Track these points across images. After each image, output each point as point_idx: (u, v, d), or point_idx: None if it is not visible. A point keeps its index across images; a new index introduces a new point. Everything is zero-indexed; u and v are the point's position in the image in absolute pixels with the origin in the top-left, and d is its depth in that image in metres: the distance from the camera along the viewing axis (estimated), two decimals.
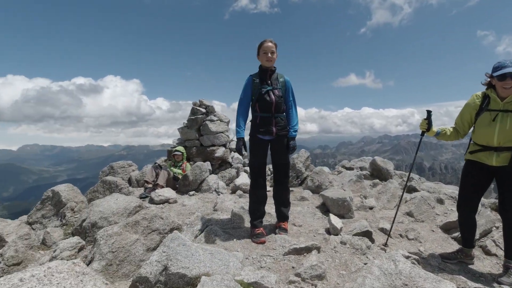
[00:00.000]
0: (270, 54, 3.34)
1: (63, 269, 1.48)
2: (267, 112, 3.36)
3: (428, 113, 3.31)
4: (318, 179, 5.64)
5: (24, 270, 1.43)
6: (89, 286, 1.46)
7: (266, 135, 3.41)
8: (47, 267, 1.47)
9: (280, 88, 3.41)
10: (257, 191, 3.50)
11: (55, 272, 1.42)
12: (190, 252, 2.62)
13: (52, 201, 4.62)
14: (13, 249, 3.37)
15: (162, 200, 4.84)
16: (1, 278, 1.30)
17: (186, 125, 6.51)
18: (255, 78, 3.41)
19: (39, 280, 1.33)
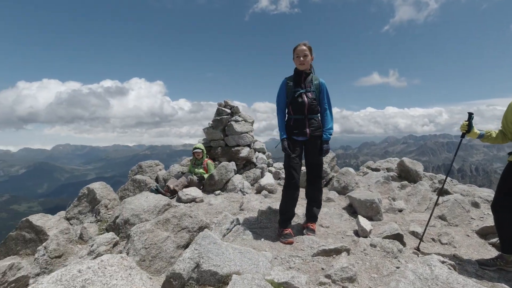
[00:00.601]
0: (303, 57, 3.39)
1: (114, 262, 1.57)
2: (300, 114, 3.43)
3: (470, 115, 3.20)
4: (344, 180, 5.55)
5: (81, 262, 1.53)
6: (137, 279, 1.54)
7: (300, 136, 3.46)
8: (100, 260, 1.57)
9: (314, 91, 3.45)
10: (290, 191, 3.51)
11: (107, 265, 1.52)
12: (221, 250, 2.67)
13: (88, 198, 4.87)
14: (55, 243, 3.59)
15: (189, 199, 4.96)
16: (63, 269, 1.41)
17: (211, 126, 6.63)
18: (289, 81, 3.49)
19: (94, 272, 1.43)
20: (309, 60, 3.45)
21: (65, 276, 1.36)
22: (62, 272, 1.39)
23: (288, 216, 3.56)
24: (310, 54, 3.45)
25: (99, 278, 1.39)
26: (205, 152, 6.28)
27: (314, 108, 3.45)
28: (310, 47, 3.46)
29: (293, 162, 3.45)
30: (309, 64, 3.47)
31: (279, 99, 3.56)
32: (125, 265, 1.62)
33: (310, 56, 3.44)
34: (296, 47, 3.45)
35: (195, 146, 6.25)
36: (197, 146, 6.20)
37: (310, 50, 3.46)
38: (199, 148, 6.17)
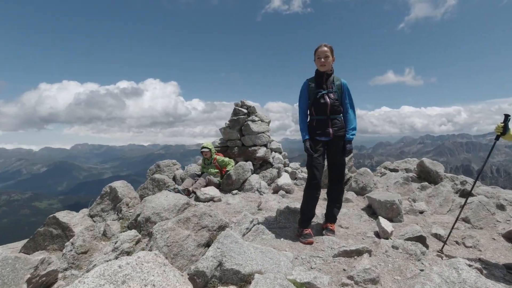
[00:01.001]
0: (324, 58, 3.39)
1: (149, 259, 1.63)
2: (323, 114, 3.44)
3: (506, 117, 3.11)
4: (362, 181, 5.48)
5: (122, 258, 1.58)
6: (171, 275, 1.59)
7: (323, 137, 3.47)
8: (137, 256, 1.63)
9: (336, 91, 3.44)
10: (312, 191, 3.51)
11: (144, 262, 1.57)
12: (242, 249, 2.71)
13: (110, 196, 5.02)
14: (81, 239, 3.73)
15: (207, 198, 5.02)
16: (104, 264, 1.48)
17: (228, 125, 6.68)
18: (311, 83, 3.52)
19: (133, 268, 1.48)
20: (330, 61, 3.45)
21: (107, 271, 1.42)
22: (104, 267, 1.46)
23: (309, 216, 3.56)
24: (331, 55, 3.44)
25: (138, 274, 1.44)
26: (213, 150, 6.15)
27: (337, 108, 3.44)
28: (331, 48, 3.45)
29: (315, 162, 3.45)
30: (330, 65, 3.47)
31: (301, 101, 3.58)
32: (159, 262, 1.67)
33: (331, 57, 3.44)
34: (317, 49, 3.46)
35: (202, 146, 6.13)
36: (204, 145, 6.08)
37: (331, 51, 3.45)
38: (206, 147, 6.05)
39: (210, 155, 6.08)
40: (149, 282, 1.42)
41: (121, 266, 1.49)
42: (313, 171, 3.46)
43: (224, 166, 6.13)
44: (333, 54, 3.46)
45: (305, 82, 3.57)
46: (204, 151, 6.05)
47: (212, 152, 6.10)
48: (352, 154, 6.47)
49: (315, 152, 3.46)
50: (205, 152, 6.04)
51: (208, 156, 6.07)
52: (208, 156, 6.08)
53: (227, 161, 6.16)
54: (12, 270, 2.71)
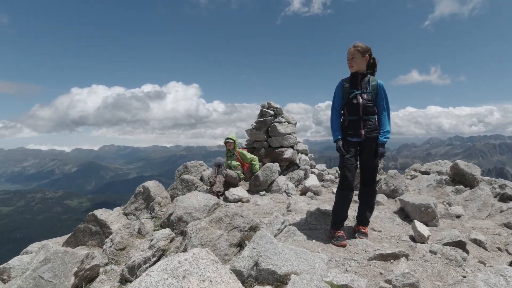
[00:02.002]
0: (350, 59, 3.40)
1: (203, 256, 1.71)
2: (355, 115, 3.41)
3: None
4: (393, 183, 5.34)
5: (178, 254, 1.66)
6: (223, 272, 1.66)
7: (355, 137, 3.44)
8: (192, 253, 1.71)
9: (370, 92, 3.39)
10: (344, 192, 3.47)
11: (199, 258, 1.65)
12: (277, 250, 2.73)
13: (143, 196, 5.22)
14: (119, 236, 3.91)
15: (236, 199, 5.09)
16: (165, 259, 1.57)
17: (254, 127, 6.74)
18: (345, 83, 3.50)
19: (191, 264, 1.56)
20: (359, 62, 3.40)
21: (169, 266, 1.51)
22: (165, 262, 1.55)
23: (341, 218, 3.53)
24: (361, 55, 3.40)
25: (195, 270, 1.51)
26: (237, 143, 6.08)
27: (370, 109, 3.39)
28: (363, 48, 3.40)
29: (347, 163, 3.41)
30: (360, 66, 3.42)
31: (335, 100, 3.56)
32: (212, 259, 1.74)
33: (360, 57, 3.39)
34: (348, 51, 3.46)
35: (227, 137, 6.08)
36: (229, 137, 6.04)
37: (362, 51, 3.40)
38: (230, 138, 6.01)
39: (234, 147, 6.02)
40: (207, 278, 1.49)
41: (180, 261, 1.57)
42: (345, 172, 3.43)
43: (246, 161, 6.08)
44: (366, 53, 3.40)
45: (340, 82, 3.55)
46: (229, 142, 6.00)
47: (235, 145, 6.04)
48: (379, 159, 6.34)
49: (347, 153, 3.43)
50: (229, 143, 6.00)
51: (231, 147, 6.02)
52: (231, 148, 6.03)
53: (249, 158, 6.06)
54: (61, 263, 2.90)
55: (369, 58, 3.44)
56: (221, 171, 5.79)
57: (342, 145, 3.45)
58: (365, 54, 3.40)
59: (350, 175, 3.40)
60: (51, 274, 2.77)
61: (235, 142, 6.02)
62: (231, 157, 6.05)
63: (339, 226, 3.49)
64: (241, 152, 6.05)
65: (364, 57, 3.40)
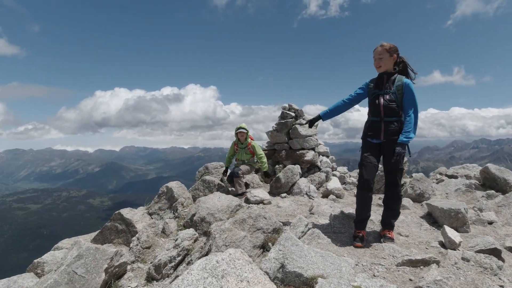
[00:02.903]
0: (378, 60, 3.35)
1: (239, 256, 1.73)
2: (376, 116, 3.38)
3: None
4: (419, 187, 5.17)
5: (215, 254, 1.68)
6: (258, 273, 1.68)
7: (374, 139, 3.41)
8: (228, 253, 1.74)
9: (394, 92, 3.31)
10: (361, 192, 3.43)
11: (235, 259, 1.68)
12: (303, 252, 2.71)
13: (166, 196, 5.33)
14: (145, 235, 4.02)
15: (257, 201, 5.10)
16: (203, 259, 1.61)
17: (275, 129, 6.73)
18: (371, 83, 3.47)
19: (228, 264, 1.59)
20: (387, 61, 3.34)
21: (208, 265, 1.54)
22: (204, 261, 1.58)
23: (362, 217, 3.48)
24: (389, 54, 3.33)
25: (233, 270, 1.54)
26: (248, 133, 5.81)
27: (392, 110, 3.30)
28: (390, 47, 3.33)
29: (364, 161, 3.36)
30: (388, 65, 3.36)
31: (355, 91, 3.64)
32: (246, 260, 1.76)
33: (388, 57, 3.33)
34: (374, 50, 3.41)
35: (239, 126, 5.78)
36: (241, 126, 5.76)
37: (390, 50, 3.33)
38: (243, 128, 5.73)
39: (246, 137, 5.77)
40: (244, 278, 1.51)
41: (218, 261, 1.60)
42: (361, 170, 3.40)
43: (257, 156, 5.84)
44: (393, 52, 3.33)
45: (366, 82, 3.56)
46: (241, 131, 5.73)
47: (247, 135, 5.79)
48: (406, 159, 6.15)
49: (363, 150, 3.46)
50: (242, 133, 5.73)
51: (243, 138, 5.77)
52: (243, 139, 5.77)
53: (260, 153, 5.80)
54: (93, 260, 3.01)
55: (396, 57, 3.37)
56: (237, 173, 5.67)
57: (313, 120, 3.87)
58: (393, 54, 3.33)
59: (367, 173, 3.33)
60: (84, 269, 2.89)
61: (247, 132, 5.77)
62: (243, 149, 5.81)
63: (360, 226, 3.47)
64: (253, 144, 5.81)
65: (392, 57, 3.34)
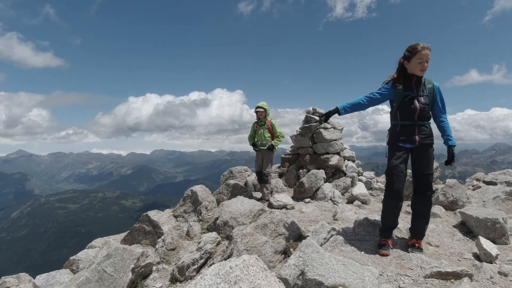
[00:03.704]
0: (427, 63, 3.12)
1: (253, 263, 1.75)
2: (410, 120, 3.21)
3: None
4: (452, 194, 4.88)
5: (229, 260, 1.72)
6: (272, 280, 1.69)
7: (407, 143, 3.23)
8: (242, 259, 1.77)
9: (427, 95, 3.18)
10: (390, 202, 3.28)
11: (249, 265, 1.70)
12: (324, 260, 2.66)
13: (191, 199, 5.47)
14: (170, 237, 4.15)
15: (280, 206, 5.08)
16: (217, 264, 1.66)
17: (299, 133, 6.68)
18: (398, 84, 3.27)
19: (241, 270, 1.62)
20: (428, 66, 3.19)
21: (221, 270, 1.58)
22: (218, 267, 1.63)
23: (389, 225, 3.36)
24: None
25: (246, 276, 1.56)
26: (268, 112, 5.75)
27: (426, 114, 3.18)
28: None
29: (395, 170, 3.20)
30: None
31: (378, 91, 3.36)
32: (261, 266, 1.78)
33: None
34: (418, 50, 3.09)
35: (258, 105, 5.72)
36: (259, 105, 5.72)
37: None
38: (261, 107, 5.68)
39: (265, 115, 5.72)
40: (257, 285, 1.53)
41: (232, 267, 1.63)
42: (392, 179, 3.21)
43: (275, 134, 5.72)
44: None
45: (390, 83, 3.35)
46: (259, 110, 5.67)
47: (267, 113, 5.73)
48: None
49: (395, 158, 3.24)
50: (260, 112, 5.68)
51: (262, 116, 5.72)
52: (262, 117, 5.72)
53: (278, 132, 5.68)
54: (121, 259, 3.16)
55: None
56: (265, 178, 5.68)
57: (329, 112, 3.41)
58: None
59: (397, 183, 3.18)
60: (112, 268, 3.04)
61: (266, 110, 5.71)
62: (262, 126, 5.74)
63: (385, 234, 3.34)
64: (272, 122, 5.69)
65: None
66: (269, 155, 5.69)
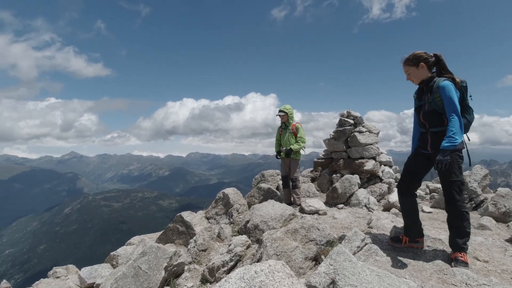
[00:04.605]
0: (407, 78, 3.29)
1: (279, 268, 1.74)
2: (422, 127, 3.27)
3: None
4: (505, 204, 4.42)
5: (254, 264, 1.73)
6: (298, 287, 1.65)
7: (423, 150, 3.29)
8: (268, 264, 1.76)
9: (432, 101, 3.07)
10: (401, 197, 3.43)
11: (275, 271, 1.69)
12: (357, 270, 2.54)
13: (223, 202, 5.56)
14: (201, 238, 4.25)
15: (312, 211, 4.97)
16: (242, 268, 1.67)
17: (333, 137, 6.50)
18: (415, 94, 3.38)
19: (266, 275, 1.62)
20: (417, 74, 3.17)
21: (246, 275, 1.59)
22: (243, 271, 1.63)
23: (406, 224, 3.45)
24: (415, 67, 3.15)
25: (271, 282, 1.55)
26: (291, 115, 5.48)
27: (435, 120, 3.10)
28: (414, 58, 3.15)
29: (406, 164, 3.41)
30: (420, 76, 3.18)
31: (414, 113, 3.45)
32: (287, 273, 1.75)
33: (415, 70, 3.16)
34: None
35: (280, 109, 5.52)
36: (281, 108, 5.51)
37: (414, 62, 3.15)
38: (282, 110, 5.43)
39: (287, 119, 5.49)
40: None
41: (257, 272, 1.63)
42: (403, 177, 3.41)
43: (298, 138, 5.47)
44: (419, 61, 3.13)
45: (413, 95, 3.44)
46: (280, 114, 5.48)
47: (289, 117, 5.49)
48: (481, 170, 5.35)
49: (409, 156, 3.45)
50: (281, 116, 5.49)
51: (285, 120, 5.50)
52: (285, 120, 5.51)
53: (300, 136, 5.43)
54: (155, 257, 3.30)
55: (425, 63, 3.11)
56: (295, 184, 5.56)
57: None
58: (419, 63, 3.13)
59: (404, 176, 3.39)
60: (147, 266, 3.18)
61: (288, 114, 5.47)
62: (286, 129, 5.55)
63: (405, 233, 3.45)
64: (297, 125, 5.46)
65: (420, 66, 3.13)
66: (295, 160, 5.52)
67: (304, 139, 5.48)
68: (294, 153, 5.47)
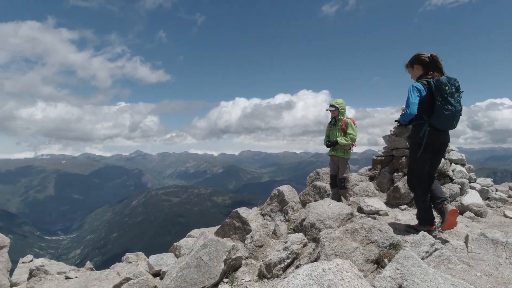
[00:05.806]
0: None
1: (347, 268, 1.70)
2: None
3: None
4: None
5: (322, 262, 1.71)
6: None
7: None
8: (336, 263, 1.74)
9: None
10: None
11: (343, 270, 1.66)
12: (427, 277, 2.33)
13: (278, 199, 5.58)
14: (258, 234, 4.32)
15: (372, 211, 4.71)
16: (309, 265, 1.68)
17: (393, 133, 6.06)
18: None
19: (334, 274, 1.59)
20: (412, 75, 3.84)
21: (314, 272, 1.58)
22: (310, 268, 1.63)
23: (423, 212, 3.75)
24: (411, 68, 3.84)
25: (340, 281, 1.52)
26: (342, 111, 5.27)
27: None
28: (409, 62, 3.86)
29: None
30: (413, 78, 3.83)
31: None
32: (355, 273, 1.70)
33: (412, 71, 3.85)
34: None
35: (330, 103, 5.36)
36: (332, 103, 5.32)
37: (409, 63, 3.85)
38: (333, 105, 5.26)
39: (337, 114, 5.27)
40: None
41: (324, 270, 1.60)
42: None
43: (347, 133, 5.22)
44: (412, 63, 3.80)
45: None
46: (331, 109, 5.29)
47: (340, 112, 5.25)
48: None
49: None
50: (331, 111, 5.31)
51: (335, 115, 5.30)
52: (335, 115, 5.32)
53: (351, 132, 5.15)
54: (215, 250, 3.46)
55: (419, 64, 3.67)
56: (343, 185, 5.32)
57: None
58: (413, 64, 3.75)
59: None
60: (208, 257, 3.35)
61: (339, 109, 5.25)
62: (335, 125, 5.35)
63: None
64: (347, 121, 5.22)
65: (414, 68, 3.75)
66: (343, 158, 5.27)
67: (354, 136, 5.22)
68: (342, 151, 5.26)
